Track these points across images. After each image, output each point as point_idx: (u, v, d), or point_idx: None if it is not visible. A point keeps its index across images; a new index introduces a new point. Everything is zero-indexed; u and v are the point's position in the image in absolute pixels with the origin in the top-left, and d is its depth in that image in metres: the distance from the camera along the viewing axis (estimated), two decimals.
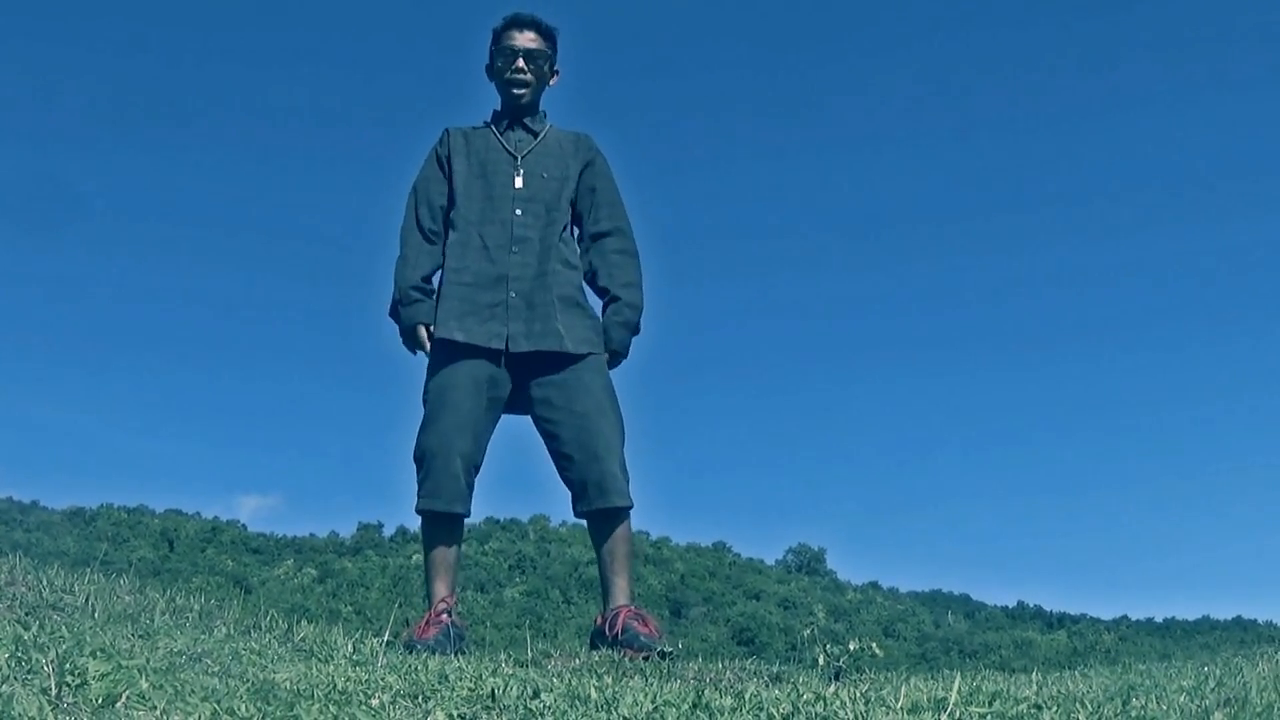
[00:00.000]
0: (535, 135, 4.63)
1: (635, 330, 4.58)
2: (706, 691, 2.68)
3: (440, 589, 4.26)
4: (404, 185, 4.67)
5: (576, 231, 4.67)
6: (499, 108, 4.68)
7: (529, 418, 4.47)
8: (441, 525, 4.32)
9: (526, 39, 4.59)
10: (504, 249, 4.44)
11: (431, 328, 4.41)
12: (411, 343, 4.48)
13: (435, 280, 4.52)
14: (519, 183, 4.53)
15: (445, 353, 4.39)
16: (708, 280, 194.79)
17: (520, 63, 4.56)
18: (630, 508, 4.35)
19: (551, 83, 4.70)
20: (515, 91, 4.58)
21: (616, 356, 4.55)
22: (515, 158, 4.57)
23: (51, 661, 2.32)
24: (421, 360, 4.49)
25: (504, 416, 4.46)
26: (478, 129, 4.66)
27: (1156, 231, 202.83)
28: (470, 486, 4.33)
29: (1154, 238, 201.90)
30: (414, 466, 4.37)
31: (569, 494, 4.38)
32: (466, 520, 4.38)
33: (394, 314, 4.54)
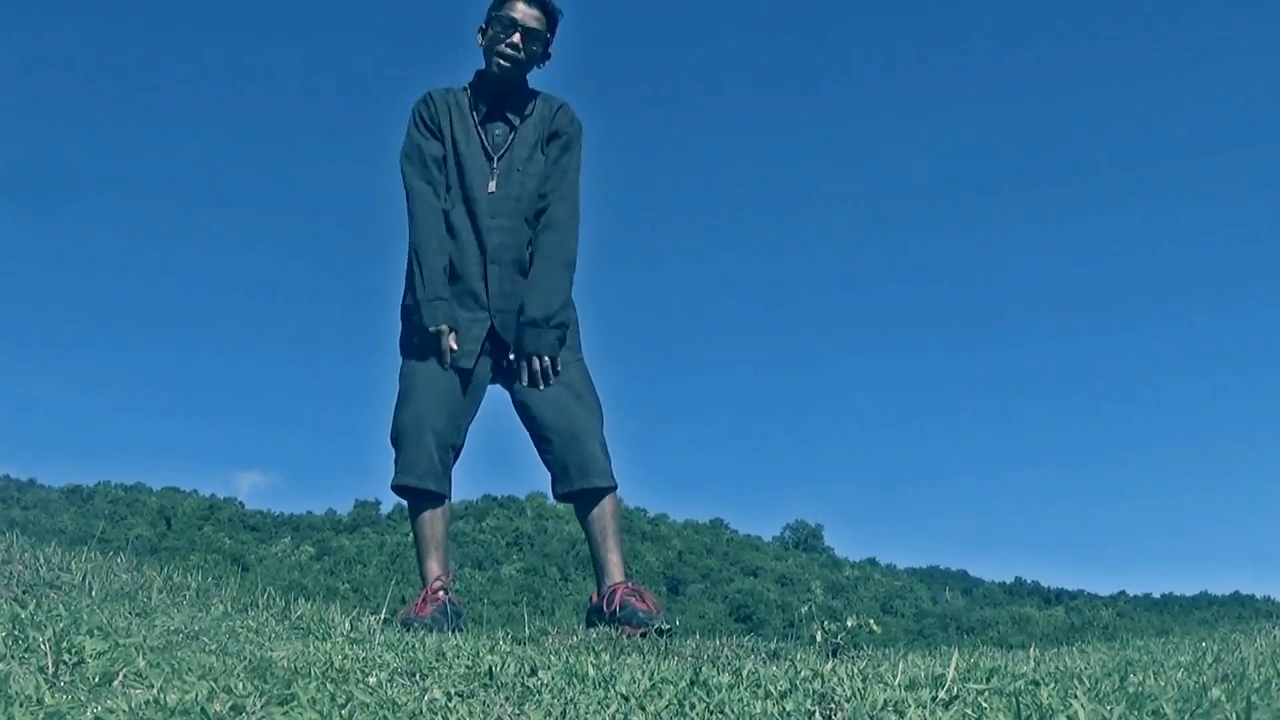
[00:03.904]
0: (513, 127, 4.45)
1: (545, 326, 4.30)
2: (704, 668, 2.68)
3: (434, 567, 4.25)
4: (397, 153, 4.52)
5: None
6: (482, 71, 4.50)
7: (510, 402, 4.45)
8: (423, 504, 4.30)
9: (530, 15, 4.39)
10: (478, 267, 4.36)
11: (454, 332, 4.28)
12: (432, 345, 4.29)
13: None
14: (493, 186, 4.38)
15: (422, 335, 4.34)
16: (704, 257, 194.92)
17: (516, 38, 4.37)
18: (613, 488, 4.35)
19: (541, 65, 4.50)
20: (503, 64, 4.39)
21: (530, 358, 4.30)
22: (492, 159, 4.41)
23: (49, 639, 2.32)
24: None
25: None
26: (459, 100, 4.48)
27: (1153, 206, 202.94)
28: (446, 466, 4.30)
29: (1150, 212, 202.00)
30: (391, 447, 4.35)
31: (549, 476, 4.38)
32: (454, 500, 4.35)
33: (410, 312, 4.39)
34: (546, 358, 4.32)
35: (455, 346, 4.28)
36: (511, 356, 4.36)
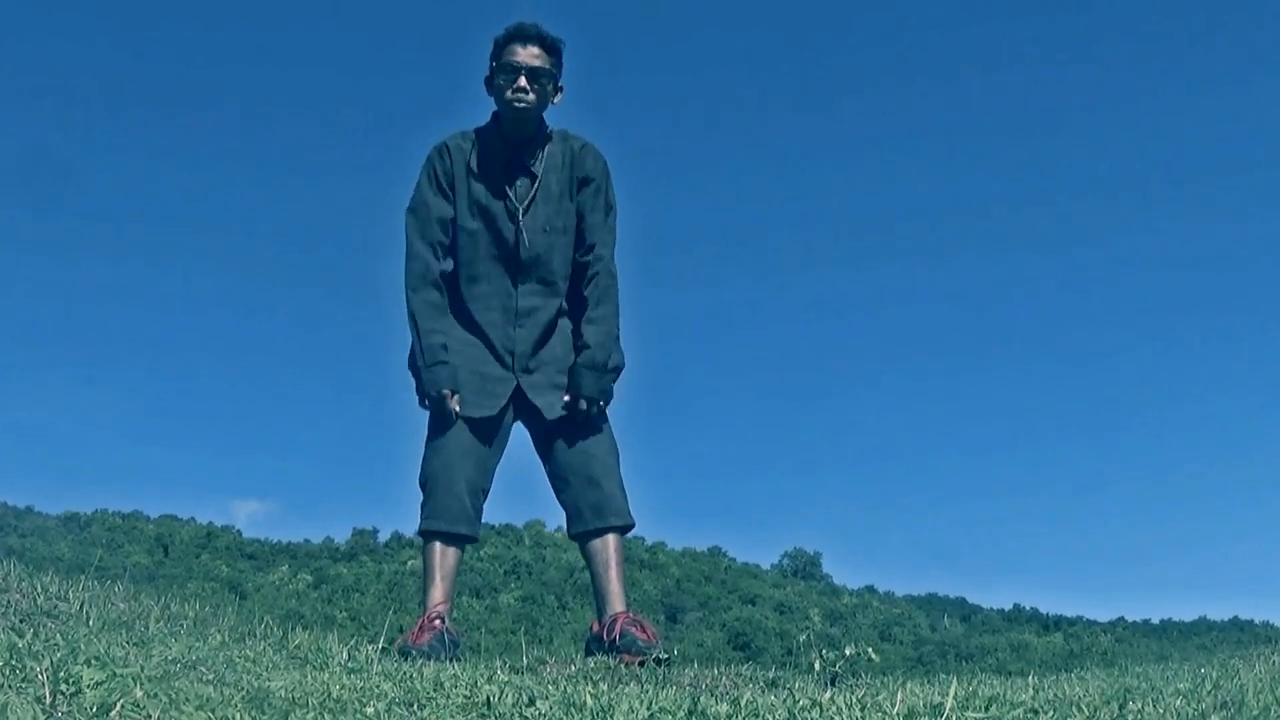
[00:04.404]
0: (535, 178, 4.40)
1: (604, 370, 4.37)
2: (702, 698, 2.68)
3: (436, 595, 4.23)
4: (401, 188, 4.51)
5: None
6: (498, 113, 4.44)
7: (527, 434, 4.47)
8: (442, 544, 4.29)
9: (530, 55, 4.33)
10: (508, 325, 4.37)
11: (456, 394, 4.27)
12: (437, 408, 4.31)
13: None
14: (524, 239, 4.35)
15: (427, 399, 4.36)
16: (702, 284, 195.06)
17: (523, 81, 4.31)
18: (630, 527, 4.35)
19: (555, 100, 4.43)
20: (517, 107, 4.33)
21: (590, 403, 4.34)
22: (516, 212, 4.37)
23: (46, 670, 2.31)
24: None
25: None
26: (477, 149, 4.42)
27: (1151, 229, 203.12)
28: (477, 510, 4.31)
29: (1148, 235, 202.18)
30: (419, 491, 4.35)
31: (563, 515, 4.39)
32: (470, 544, 4.35)
33: (413, 369, 4.39)
34: (600, 402, 4.37)
35: (459, 409, 4.28)
36: (565, 398, 4.35)
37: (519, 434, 4.47)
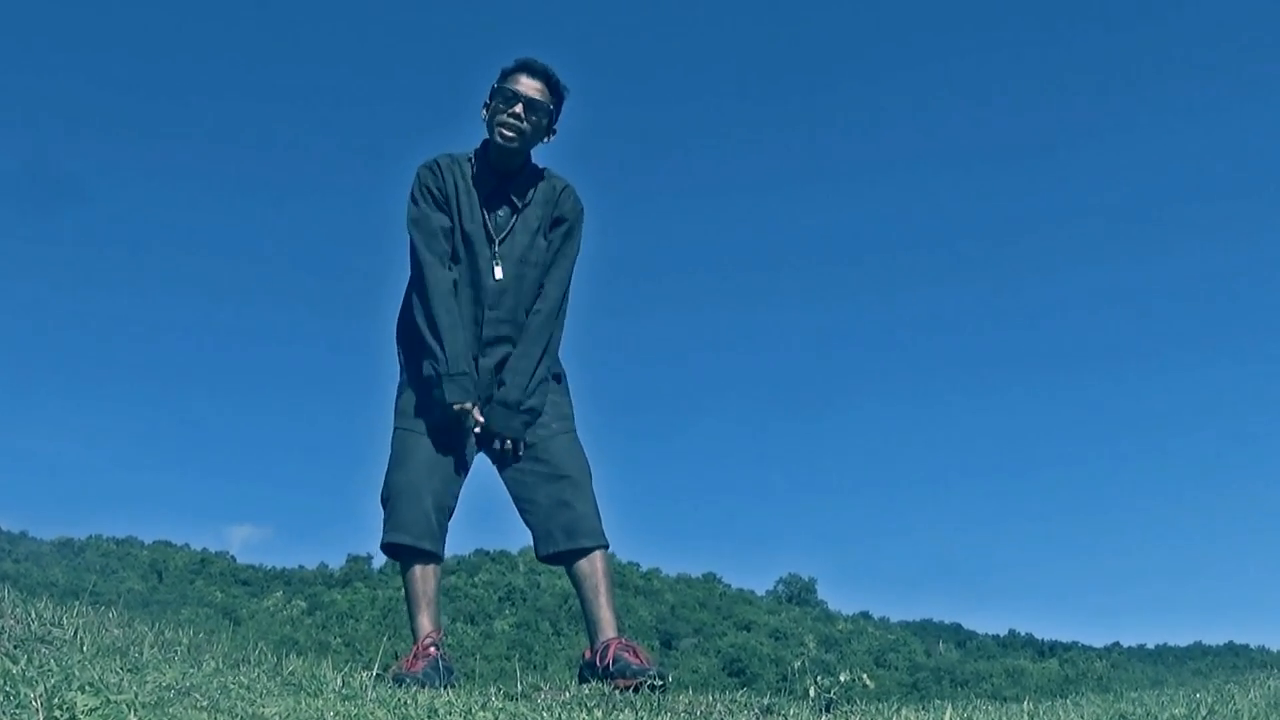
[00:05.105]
0: (516, 210, 4.40)
1: (516, 409, 4.27)
2: None
3: (425, 623, 4.22)
4: (397, 212, 4.47)
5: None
6: (487, 142, 4.43)
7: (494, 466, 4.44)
8: (415, 561, 4.27)
9: (532, 88, 4.34)
10: (472, 355, 4.32)
11: (476, 409, 4.24)
12: (453, 418, 4.23)
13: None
14: (498, 273, 4.34)
15: (415, 396, 4.37)
16: (695, 310, 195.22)
17: (518, 109, 4.32)
18: (605, 547, 4.31)
19: (545, 140, 4.44)
20: (505, 134, 4.33)
21: (501, 440, 4.27)
22: (494, 243, 4.37)
23: (40, 696, 2.31)
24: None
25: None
26: (464, 171, 4.42)
27: (1147, 255, 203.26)
28: (442, 529, 4.28)
29: (1143, 261, 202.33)
30: (380, 509, 4.31)
31: (531, 537, 4.33)
32: (445, 559, 4.32)
33: (430, 384, 4.27)
34: (511, 440, 4.29)
35: (481, 419, 4.26)
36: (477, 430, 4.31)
37: (481, 461, 4.46)
